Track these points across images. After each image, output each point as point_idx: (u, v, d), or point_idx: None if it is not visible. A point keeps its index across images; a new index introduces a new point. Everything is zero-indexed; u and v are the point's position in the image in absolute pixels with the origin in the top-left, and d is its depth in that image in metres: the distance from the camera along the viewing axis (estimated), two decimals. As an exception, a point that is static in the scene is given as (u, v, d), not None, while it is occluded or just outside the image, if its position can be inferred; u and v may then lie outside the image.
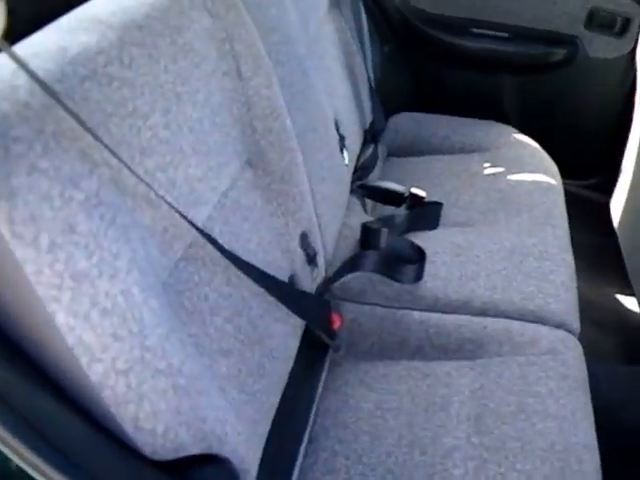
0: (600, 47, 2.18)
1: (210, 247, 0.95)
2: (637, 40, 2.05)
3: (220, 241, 0.97)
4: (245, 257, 1.03)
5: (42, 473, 0.65)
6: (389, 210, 1.74)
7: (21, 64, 0.60)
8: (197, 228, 0.87)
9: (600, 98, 2.27)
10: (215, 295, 0.97)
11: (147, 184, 0.76)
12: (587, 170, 2.40)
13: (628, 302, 2.08)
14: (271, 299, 1.11)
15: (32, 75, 0.61)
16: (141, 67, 0.82)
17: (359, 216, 1.64)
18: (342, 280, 1.44)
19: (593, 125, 2.32)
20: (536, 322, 1.40)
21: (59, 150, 0.65)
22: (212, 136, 0.99)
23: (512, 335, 1.37)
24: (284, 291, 1.14)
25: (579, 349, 1.37)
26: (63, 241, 0.64)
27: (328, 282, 1.41)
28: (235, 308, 1.02)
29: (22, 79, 0.65)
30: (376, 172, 1.92)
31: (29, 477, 0.65)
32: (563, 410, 1.22)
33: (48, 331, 0.66)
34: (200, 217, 0.96)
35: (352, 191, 1.72)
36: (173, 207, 0.81)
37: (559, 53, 2.21)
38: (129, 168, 0.73)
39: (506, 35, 2.23)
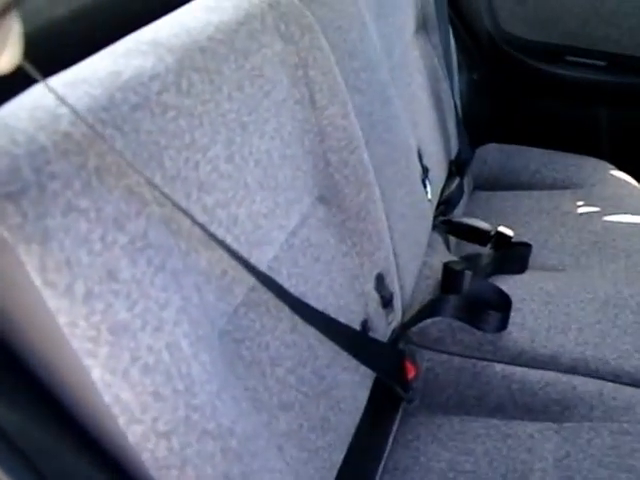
0: None
1: (277, 287, 0.88)
2: None
3: (287, 284, 0.90)
4: (314, 301, 0.96)
5: None
6: (473, 249, 1.64)
7: (56, 94, 0.54)
8: (257, 272, 0.79)
9: None
10: (277, 343, 0.89)
11: (201, 226, 0.68)
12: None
13: None
14: (337, 348, 1.02)
15: (69, 106, 0.55)
16: (201, 94, 0.76)
17: (441, 255, 1.55)
18: (420, 325, 1.35)
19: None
20: (632, 385, 1.28)
21: (102, 188, 0.59)
22: (281, 169, 0.92)
23: (604, 398, 1.25)
24: (354, 340, 1.06)
25: None
26: (101, 290, 0.57)
27: (404, 327, 1.33)
28: (300, 357, 0.94)
29: (65, 108, 0.59)
30: (461, 207, 1.83)
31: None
32: (663, 489, 1.10)
33: (84, 386, 0.59)
34: (265, 257, 0.88)
35: (434, 227, 1.63)
36: (230, 251, 0.73)
37: (662, 85, 2.08)
38: (181, 209, 0.66)
39: (603, 64, 2.12)
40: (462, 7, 2.10)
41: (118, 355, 0.59)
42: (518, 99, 2.25)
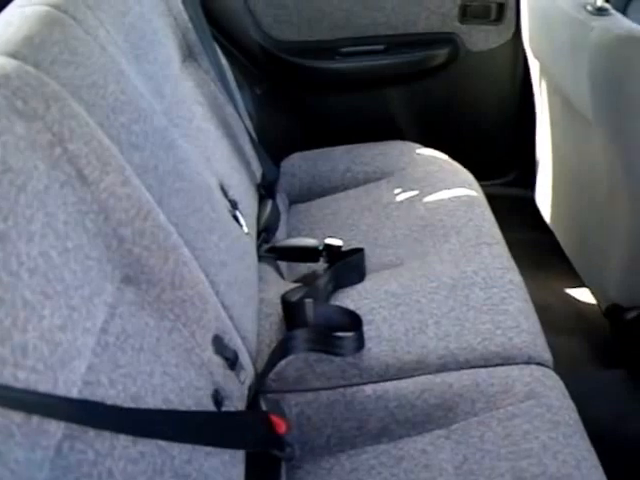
0: (480, 39, 2.10)
1: (100, 410, 0.74)
2: (518, 23, 1.94)
3: (112, 394, 0.78)
4: (151, 398, 0.84)
5: None
6: (307, 267, 1.57)
7: None
8: (62, 411, 0.66)
9: (495, 91, 2.19)
10: (122, 464, 0.76)
11: None
12: (502, 167, 2.30)
13: (582, 295, 1.97)
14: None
15: None
16: None
17: (276, 286, 1.45)
18: (275, 371, 1.25)
19: (495, 120, 2.23)
20: (503, 364, 1.24)
21: None
22: (66, 267, 0.77)
23: (482, 387, 1.20)
24: (207, 425, 0.93)
25: (559, 383, 1.21)
26: None
27: (260, 379, 1.21)
28: (153, 468, 0.81)
29: None
30: (282, 228, 1.73)
31: None
32: (565, 467, 1.05)
33: None
34: (77, 374, 0.74)
35: (261, 259, 1.53)
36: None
37: (440, 54, 2.10)
38: None
39: (381, 47, 2.11)
40: (225, 25, 2.02)
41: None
42: (307, 103, 2.20)
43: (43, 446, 0.65)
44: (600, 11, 1.45)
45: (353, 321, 1.30)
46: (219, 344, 1.07)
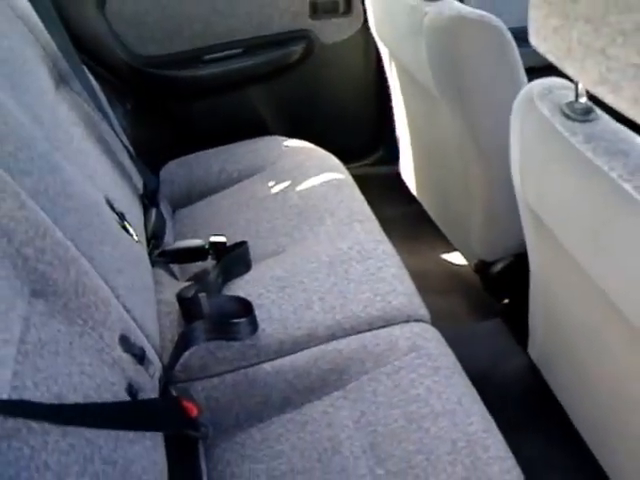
0: (332, 32, 2.24)
1: (29, 407, 0.83)
2: (365, 14, 2.09)
3: (38, 395, 0.86)
4: (73, 395, 0.93)
5: None
6: (198, 266, 1.67)
7: None
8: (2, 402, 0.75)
9: (352, 78, 2.34)
10: (56, 456, 0.85)
11: None
12: (367, 149, 2.46)
13: (455, 259, 2.14)
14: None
15: None
16: None
17: (171, 287, 1.55)
18: (180, 362, 1.35)
19: (355, 105, 2.37)
20: (386, 326, 1.38)
21: None
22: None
23: (368, 348, 1.34)
24: (125, 413, 1.04)
25: (437, 334, 1.37)
26: None
27: (167, 371, 1.31)
28: (84, 457, 0.90)
29: None
30: (169, 233, 1.83)
31: None
32: (449, 404, 1.20)
33: None
34: (4, 380, 0.83)
35: (154, 264, 1.62)
36: None
37: (296, 50, 2.24)
38: None
39: (239, 50, 2.22)
40: (92, 48, 2.09)
41: None
42: (176, 111, 2.29)
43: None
44: (430, -5, 1.60)
45: (245, 307, 1.42)
46: (126, 343, 1.17)
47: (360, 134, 2.43)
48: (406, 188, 2.24)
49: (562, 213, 1.09)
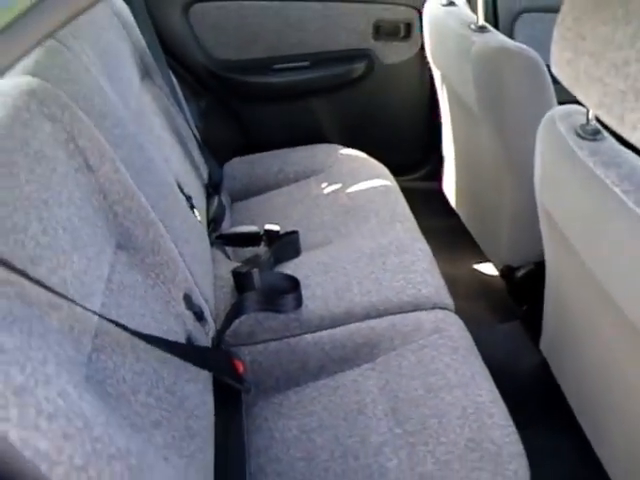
0: (392, 53, 2.40)
1: (113, 333, 1.00)
2: (422, 39, 2.24)
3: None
4: (143, 332, 1.08)
5: None
6: (250, 251, 1.82)
7: None
8: (101, 315, 0.92)
9: (407, 97, 2.49)
10: (131, 374, 1.02)
11: (53, 291, 0.80)
12: (415, 164, 2.60)
13: (486, 269, 2.27)
14: (178, 364, 1.16)
15: None
16: (7, 185, 0.87)
17: (226, 265, 1.71)
18: (231, 328, 1.51)
19: (407, 122, 2.52)
20: (414, 310, 1.54)
21: None
22: (84, 230, 1.04)
23: (398, 328, 1.49)
24: (188, 352, 1.20)
25: (459, 321, 1.51)
26: None
27: (220, 333, 1.48)
28: (151, 382, 1.07)
29: None
30: (227, 220, 2.00)
31: None
32: (463, 378, 1.35)
33: (4, 451, 0.69)
34: (96, 307, 1.00)
35: (212, 244, 1.79)
36: (80, 305, 0.86)
37: (358, 67, 2.40)
38: (35, 282, 0.78)
39: (306, 63, 2.39)
40: (175, 49, 2.29)
41: (26, 412, 0.70)
42: (245, 113, 2.46)
43: (80, 351, 0.91)
44: (481, 29, 1.76)
45: (292, 284, 1.58)
46: (188, 301, 1.34)
47: (410, 150, 2.58)
48: (447, 202, 2.38)
49: (569, 213, 1.25)
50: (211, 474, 1.15)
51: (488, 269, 2.24)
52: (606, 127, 1.05)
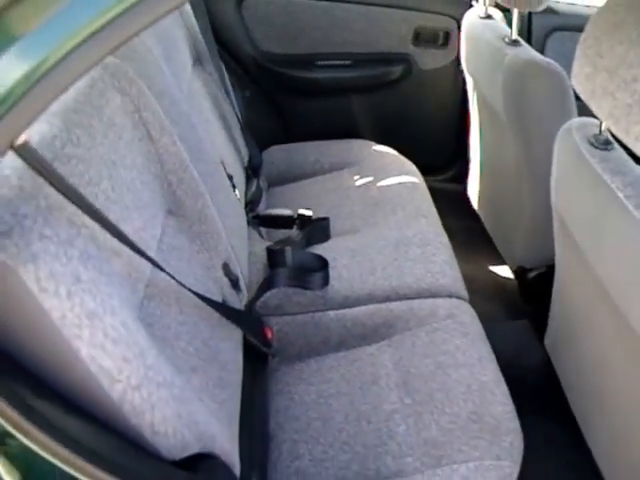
0: (429, 59, 2.49)
1: (162, 285, 1.11)
2: (458, 48, 2.34)
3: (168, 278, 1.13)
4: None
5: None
6: (283, 233, 1.93)
7: (33, 166, 0.75)
8: (155, 264, 1.03)
9: (440, 102, 2.58)
10: (175, 324, 1.13)
11: (116, 235, 0.91)
12: (443, 165, 2.69)
13: (501, 271, 2.36)
14: (215, 322, 1.27)
15: (42, 173, 0.76)
16: (86, 144, 0.98)
17: (260, 243, 1.82)
18: (262, 299, 1.62)
19: (439, 126, 2.62)
20: (431, 297, 1.64)
21: (54, 219, 0.80)
22: (143, 193, 1.15)
23: (414, 311, 1.59)
24: (227, 311, 1.31)
25: (471, 310, 1.61)
26: (75, 289, 0.79)
27: (252, 302, 1.58)
28: (191, 333, 1.17)
29: (7, 170, 0.80)
30: (263, 203, 2.10)
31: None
32: (471, 359, 1.45)
33: (74, 364, 0.80)
34: (147, 265, 1.11)
35: (248, 223, 1.89)
36: (141, 253, 0.97)
37: (396, 70, 2.50)
38: (109, 225, 0.89)
39: (348, 62, 2.49)
40: (226, 39, 2.40)
41: (96, 334, 0.81)
42: (286, 105, 2.57)
43: (135, 295, 1.02)
44: (513, 42, 1.86)
45: (321, 264, 1.69)
46: (227, 269, 1.44)
47: (439, 151, 2.67)
48: (470, 205, 2.47)
49: (579, 215, 1.35)
50: (237, 423, 1.25)
51: (504, 271, 2.32)
52: (617, 139, 1.15)
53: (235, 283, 1.48)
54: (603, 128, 1.29)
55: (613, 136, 1.23)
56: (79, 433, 0.82)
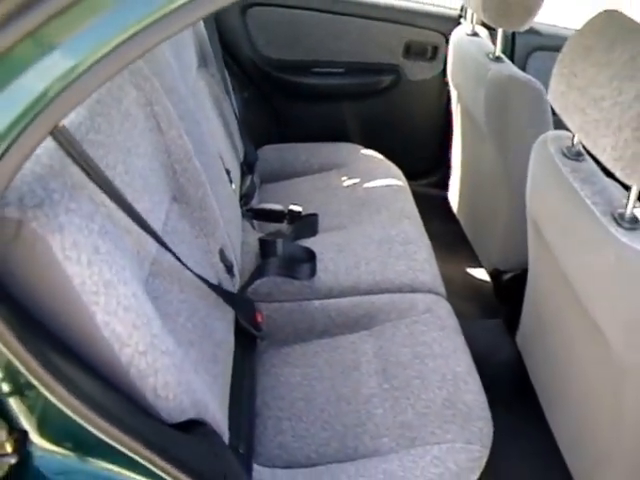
0: (417, 71, 2.57)
1: (166, 264, 1.17)
2: (445, 62, 2.41)
3: (170, 257, 1.19)
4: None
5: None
6: (274, 227, 2.00)
7: (66, 148, 0.81)
8: (161, 242, 1.09)
9: (425, 111, 2.66)
10: (176, 301, 1.19)
11: (130, 214, 0.98)
12: (426, 171, 2.77)
13: (478, 272, 2.43)
14: (211, 302, 1.33)
15: (72, 154, 0.83)
16: (106, 131, 1.04)
17: (253, 234, 1.88)
18: (253, 286, 1.68)
19: (423, 134, 2.70)
20: (411, 292, 1.71)
21: (77, 195, 0.86)
22: (151, 179, 1.21)
23: (395, 304, 1.66)
24: (223, 293, 1.37)
25: (448, 306, 1.68)
26: (94, 259, 0.85)
27: (244, 288, 1.64)
28: (190, 310, 1.24)
29: (39, 150, 0.86)
30: (256, 197, 2.16)
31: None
32: (446, 350, 1.52)
33: (90, 327, 0.86)
34: (153, 244, 1.17)
35: (242, 215, 1.95)
36: (151, 232, 1.03)
37: (386, 80, 2.58)
38: (125, 204, 0.95)
39: (341, 70, 2.57)
40: (229, 43, 2.46)
41: (110, 301, 0.86)
42: (281, 107, 2.64)
43: (142, 271, 1.08)
44: (497, 59, 1.94)
45: (309, 256, 1.75)
46: (222, 255, 1.50)
47: (423, 158, 2.74)
48: (450, 210, 2.53)
49: (550, 219, 1.43)
50: (227, 397, 1.32)
51: (480, 273, 2.39)
52: (588, 151, 1.22)
53: (230, 269, 1.54)
54: (575, 141, 1.36)
55: (584, 148, 1.31)
56: (92, 389, 0.88)
